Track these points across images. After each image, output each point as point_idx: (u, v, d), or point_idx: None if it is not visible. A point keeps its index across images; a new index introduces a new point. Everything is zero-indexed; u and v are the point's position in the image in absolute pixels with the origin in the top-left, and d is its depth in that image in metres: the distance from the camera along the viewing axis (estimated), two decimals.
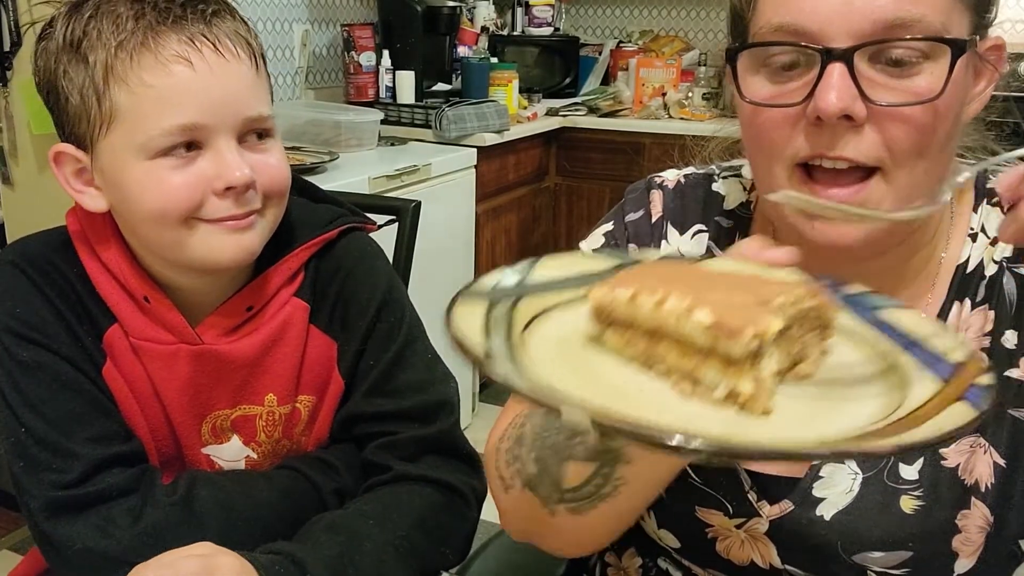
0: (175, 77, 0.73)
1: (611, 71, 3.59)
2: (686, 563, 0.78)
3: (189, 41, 0.73)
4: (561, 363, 0.47)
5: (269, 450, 0.90)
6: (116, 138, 0.75)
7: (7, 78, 2.02)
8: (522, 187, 3.01)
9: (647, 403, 0.44)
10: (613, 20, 3.77)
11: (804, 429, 0.42)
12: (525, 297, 0.52)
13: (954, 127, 0.61)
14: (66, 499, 0.76)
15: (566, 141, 3.13)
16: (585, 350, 0.49)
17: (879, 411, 0.43)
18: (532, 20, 3.55)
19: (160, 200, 0.75)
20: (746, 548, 0.71)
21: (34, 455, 0.77)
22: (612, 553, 0.87)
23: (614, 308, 0.47)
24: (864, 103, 0.58)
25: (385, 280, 0.91)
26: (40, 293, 0.80)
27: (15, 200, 2.08)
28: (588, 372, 0.47)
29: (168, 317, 0.82)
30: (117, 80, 0.73)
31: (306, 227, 0.88)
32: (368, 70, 2.78)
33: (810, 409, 0.44)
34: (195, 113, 0.73)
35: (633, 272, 0.49)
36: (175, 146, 0.74)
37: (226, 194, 0.75)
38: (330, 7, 2.90)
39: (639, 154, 2.98)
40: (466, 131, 2.62)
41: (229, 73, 0.75)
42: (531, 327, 0.50)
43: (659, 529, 0.76)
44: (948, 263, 0.68)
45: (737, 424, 0.42)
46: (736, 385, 0.43)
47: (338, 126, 2.43)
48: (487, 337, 0.46)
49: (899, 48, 0.57)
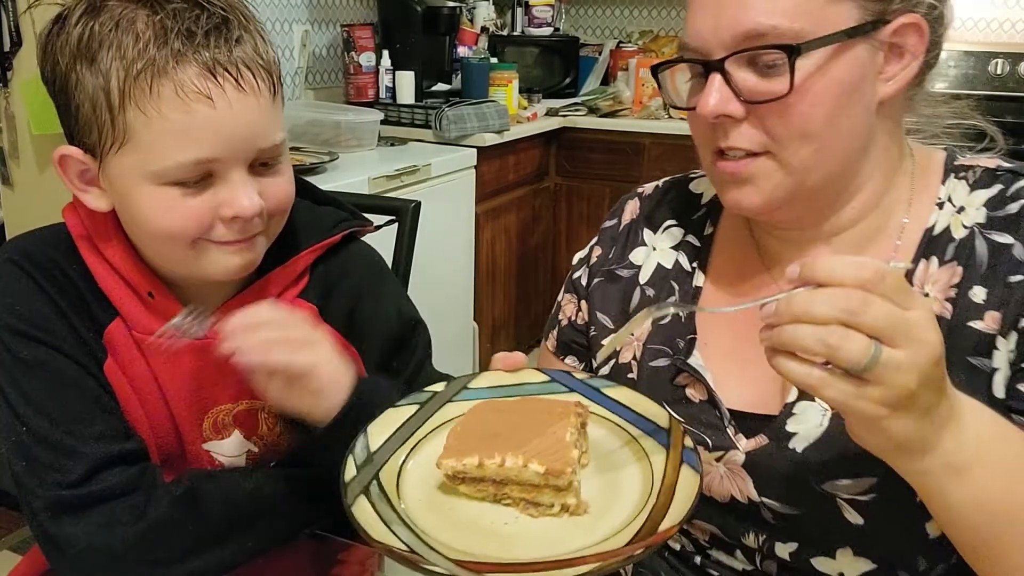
0: (195, 115, 0.71)
1: (611, 71, 3.59)
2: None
3: (211, 74, 0.72)
4: (442, 518, 0.63)
5: (271, 443, 0.90)
6: (127, 159, 0.74)
7: (7, 78, 2.02)
8: (522, 187, 3.01)
9: (521, 536, 0.62)
10: (613, 20, 3.77)
11: (613, 512, 0.61)
12: (380, 470, 0.67)
13: (845, 108, 0.70)
14: (69, 498, 0.75)
15: (566, 141, 3.13)
16: (447, 499, 0.66)
17: (643, 479, 0.64)
18: (532, 20, 3.55)
19: (169, 224, 0.75)
20: (725, 483, 0.77)
21: (36, 455, 0.76)
22: None
23: (467, 472, 0.64)
24: (740, 103, 0.70)
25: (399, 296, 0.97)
26: (40, 290, 0.80)
27: (15, 200, 2.08)
28: (463, 520, 0.63)
29: (172, 312, 0.82)
30: (134, 105, 0.71)
31: (310, 231, 0.88)
32: (368, 70, 2.78)
33: (605, 492, 0.64)
34: (211, 149, 0.73)
35: (457, 437, 0.66)
36: (186, 179, 0.74)
37: (233, 222, 0.76)
38: (330, 7, 2.90)
39: (639, 154, 2.98)
40: (466, 131, 2.62)
41: (248, 108, 0.74)
42: (399, 489, 0.66)
43: None
44: (914, 227, 0.75)
45: (575, 524, 0.62)
46: (565, 502, 0.63)
47: (338, 126, 2.43)
48: (390, 528, 0.60)
49: (760, 54, 0.68)
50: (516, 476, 0.63)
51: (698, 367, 0.79)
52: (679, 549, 0.84)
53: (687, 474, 0.61)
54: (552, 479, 0.61)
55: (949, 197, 0.76)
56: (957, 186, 0.76)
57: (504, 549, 0.59)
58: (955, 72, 3.02)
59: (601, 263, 0.91)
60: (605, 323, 0.89)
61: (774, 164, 0.71)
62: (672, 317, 0.84)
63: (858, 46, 0.69)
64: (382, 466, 0.67)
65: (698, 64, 0.72)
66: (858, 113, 0.71)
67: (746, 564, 0.79)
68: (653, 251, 0.89)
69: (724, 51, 0.69)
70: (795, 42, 0.67)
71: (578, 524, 0.62)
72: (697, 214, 0.88)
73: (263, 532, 0.80)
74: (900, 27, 0.70)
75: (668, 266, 0.87)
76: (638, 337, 0.85)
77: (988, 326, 0.69)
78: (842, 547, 0.73)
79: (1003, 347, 0.68)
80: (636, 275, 0.88)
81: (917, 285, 0.73)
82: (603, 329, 0.89)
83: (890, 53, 0.71)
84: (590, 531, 0.60)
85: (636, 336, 0.85)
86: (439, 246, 2.43)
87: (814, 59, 0.68)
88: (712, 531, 0.80)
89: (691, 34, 0.72)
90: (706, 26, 0.70)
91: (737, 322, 0.79)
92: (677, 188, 0.91)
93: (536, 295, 3.17)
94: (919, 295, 0.63)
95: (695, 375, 0.79)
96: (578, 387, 0.74)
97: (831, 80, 0.68)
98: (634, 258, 0.89)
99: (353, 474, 0.65)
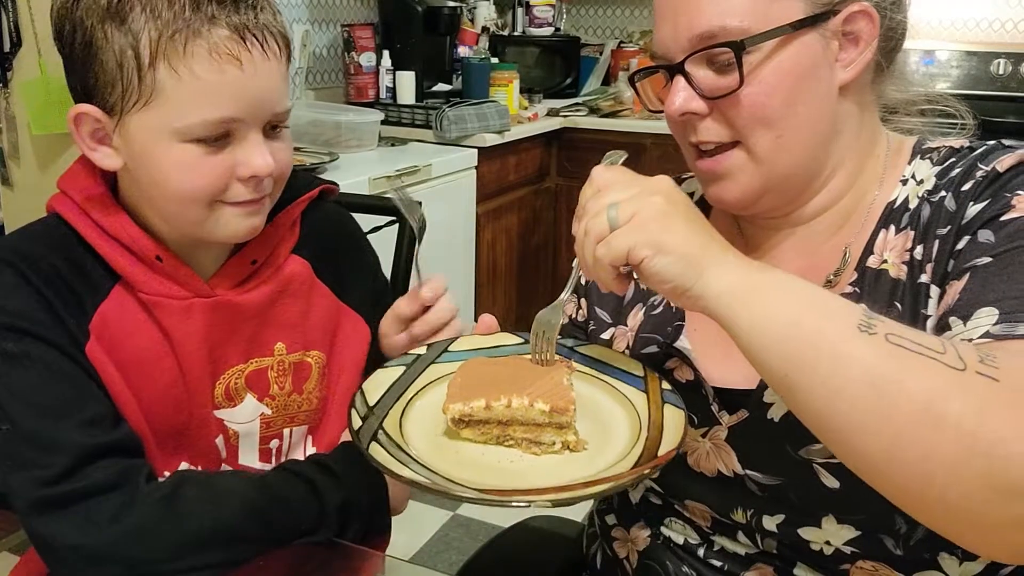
0: (226, 75, 0.75)
1: (612, 71, 3.59)
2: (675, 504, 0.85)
3: (240, 38, 0.76)
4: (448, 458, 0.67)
5: (282, 404, 0.92)
6: (151, 117, 0.76)
7: (7, 79, 2.02)
8: (523, 188, 3.01)
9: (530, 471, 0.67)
10: (614, 20, 3.77)
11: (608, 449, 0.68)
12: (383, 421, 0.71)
13: (801, 95, 0.74)
14: (50, 496, 0.75)
15: (567, 141, 3.13)
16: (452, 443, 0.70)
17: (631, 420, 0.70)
18: (533, 20, 3.54)
19: (190, 183, 0.78)
20: (711, 458, 0.81)
21: (19, 453, 0.76)
22: (620, 527, 0.92)
23: (473, 415, 0.69)
24: (703, 100, 0.75)
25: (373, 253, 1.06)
26: (25, 282, 0.80)
27: (15, 200, 2.08)
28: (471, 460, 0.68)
29: (181, 273, 0.85)
30: (166, 63, 0.74)
31: (290, 188, 0.91)
32: (368, 70, 2.78)
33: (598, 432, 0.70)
34: (236, 109, 0.77)
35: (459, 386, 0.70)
36: (208, 137, 0.77)
37: (249, 181, 0.80)
38: (330, 7, 2.89)
39: (640, 155, 2.98)
40: (466, 131, 2.62)
41: (270, 72, 0.79)
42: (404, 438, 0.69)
43: None
44: (879, 202, 0.80)
45: (575, 460, 0.68)
46: (566, 439, 0.68)
47: (338, 126, 2.43)
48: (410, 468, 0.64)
49: (714, 53, 0.73)
50: (522, 416, 0.68)
51: (684, 349, 0.83)
52: (683, 541, 0.85)
53: (671, 411, 0.68)
54: (556, 416, 0.67)
55: (913, 174, 0.80)
56: (922, 164, 0.80)
57: (518, 481, 0.64)
58: (957, 72, 3.02)
59: None
60: (603, 318, 0.92)
61: (745, 156, 0.76)
62: (662, 307, 0.87)
63: (806, 36, 0.73)
64: (384, 417, 0.71)
65: (664, 69, 0.78)
66: (816, 99, 0.75)
67: (749, 546, 0.81)
68: None
69: (683, 54, 0.75)
70: (740, 38, 0.72)
71: (580, 459, 0.68)
72: None
73: (249, 544, 0.79)
74: (850, 15, 0.74)
75: None
76: (632, 327, 0.89)
77: (927, 279, 0.73)
78: (825, 515, 0.75)
79: (935, 295, 0.72)
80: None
81: (877, 253, 0.77)
82: (601, 324, 0.92)
83: (844, 40, 0.75)
84: (592, 463, 0.66)
85: (630, 327, 0.89)
86: (440, 246, 2.43)
87: (762, 52, 0.73)
88: (708, 512, 0.82)
89: (656, 43, 0.78)
90: (666, 33, 0.76)
91: None
92: None
93: (537, 295, 3.17)
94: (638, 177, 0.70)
95: (681, 357, 0.83)
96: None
97: (781, 70, 0.73)
98: None
99: (359, 424, 0.69)
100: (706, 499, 0.82)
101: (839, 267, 0.79)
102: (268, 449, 0.94)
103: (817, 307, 0.60)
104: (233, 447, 0.91)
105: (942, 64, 3.03)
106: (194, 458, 0.90)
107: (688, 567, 0.85)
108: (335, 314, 0.96)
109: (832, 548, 0.76)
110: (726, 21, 0.72)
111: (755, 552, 0.81)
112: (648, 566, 0.87)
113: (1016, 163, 0.72)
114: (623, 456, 0.65)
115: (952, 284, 0.69)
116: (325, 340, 0.95)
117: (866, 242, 0.78)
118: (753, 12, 0.72)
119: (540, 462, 0.68)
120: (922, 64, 3.03)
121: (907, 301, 0.73)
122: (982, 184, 0.72)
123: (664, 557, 0.86)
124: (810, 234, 0.82)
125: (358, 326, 0.98)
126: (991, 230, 0.69)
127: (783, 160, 0.76)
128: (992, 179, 0.72)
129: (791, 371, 0.59)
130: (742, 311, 0.61)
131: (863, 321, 0.58)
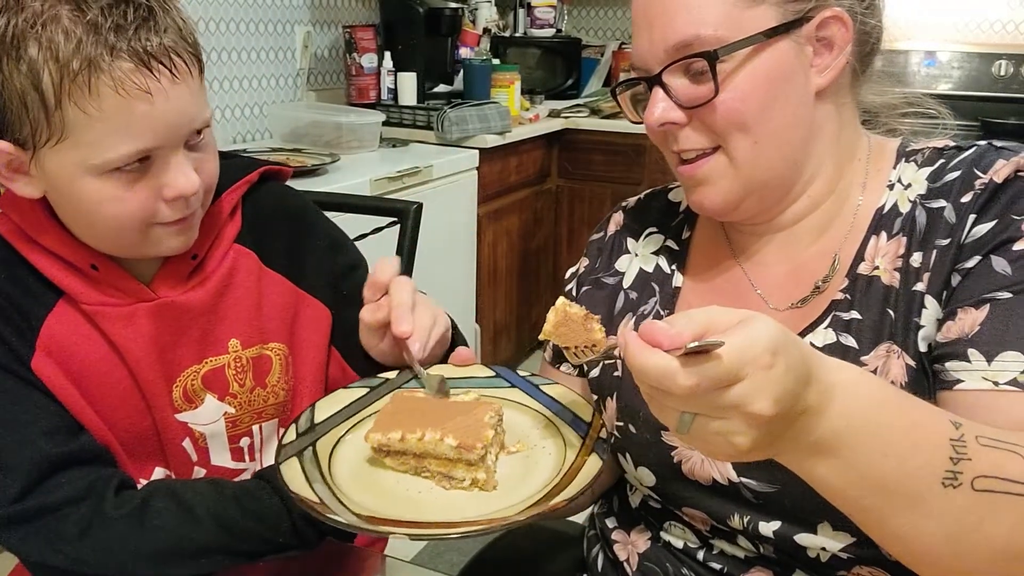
0: (136, 109, 0.73)
1: (613, 73, 3.59)
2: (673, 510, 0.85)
3: (147, 68, 0.73)
4: (363, 485, 0.70)
5: (245, 401, 0.91)
6: (67, 155, 0.75)
7: None
8: (524, 189, 3.01)
9: (428, 503, 0.69)
10: (615, 21, 3.77)
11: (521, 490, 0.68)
12: (319, 440, 0.74)
13: (776, 100, 0.75)
14: (18, 513, 0.75)
15: (568, 143, 3.13)
16: (373, 471, 0.73)
17: (555, 466, 0.71)
18: (534, 21, 3.54)
19: (116, 213, 0.77)
20: (706, 466, 0.80)
21: None
22: (620, 531, 0.92)
23: (391, 445, 0.71)
24: (681, 110, 0.76)
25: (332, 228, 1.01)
26: None
27: None
28: (384, 489, 0.70)
29: (118, 280, 0.84)
30: (72, 103, 0.72)
31: (227, 174, 0.89)
32: (370, 72, 2.78)
33: (519, 474, 0.71)
34: (152, 139, 0.75)
35: (387, 415, 0.73)
36: (127, 167, 0.76)
37: (175, 202, 0.79)
38: (332, 9, 2.90)
39: (641, 156, 2.98)
40: (468, 133, 2.62)
41: (182, 95, 0.76)
42: (332, 459, 0.73)
43: (636, 469, 0.86)
44: (867, 208, 0.80)
45: (482, 498, 0.69)
46: (475, 476, 0.70)
47: (339, 128, 2.43)
48: (311, 485, 0.67)
49: (689, 63, 0.74)
50: (433, 449, 0.70)
51: None
52: (683, 545, 0.86)
53: (592, 460, 0.69)
54: (464, 453, 0.69)
55: (899, 178, 0.80)
56: (907, 168, 0.80)
57: (409, 512, 0.66)
58: (958, 73, 3.02)
59: (588, 273, 0.97)
60: None
61: (725, 161, 0.77)
62: (653, 315, 0.88)
63: (780, 43, 0.74)
64: (321, 437, 0.75)
65: (643, 81, 0.79)
66: (792, 104, 0.76)
67: (749, 550, 0.81)
68: (635, 257, 0.94)
69: (659, 65, 0.76)
70: (714, 48, 0.72)
71: (483, 497, 0.69)
72: (675, 220, 0.94)
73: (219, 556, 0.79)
74: (823, 21, 0.75)
75: (649, 270, 0.92)
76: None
77: (923, 288, 0.73)
78: (820, 521, 0.75)
79: (931, 306, 0.72)
80: (620, 281, 0.93)
81: (868, 259, 0.77)
82: None
83: (819, 45, 0.76)
84: (490, 503, 0.68)
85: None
86: (441, 248, 2.43)
87: (736, 60, 0.74)
88: (706, 519, 0.82)
89: (634, 55, 0.79)
90: (643, 45, 0.77)
91: None
92: (657, 198, 0.97)
93: (538, 297, 3.17)
94: (750, 362, 0.53)
95: None
96: (518, 383, 0.83)
97: (755, 77, 0.74)
98: (619, 266, 0.94)
99: (292, 439, 0.73)
100: (701, 505, 0.82)
101: (828, 274, 0.79)
102: (239, 448, 0.93)
103: (902, 456, 0.57)
104: (203, 448, 0.90)
105: (943, 65, 3.03)
106: (167, 463, 0.89)
107: (688, 570, 0.84)
108: (292, 301, 0.94)
109: (828, 554, 0.76)
110: (700, 31, 0.73)
111: (754, 556, 0.81)
112: (648, 568, 0.87)
113: (1013, 173, 0.72)
114: (525, 499, 0.66)
115: (966, 310, 0.69)
116: (283, 330, 0.93)
117: (856, 248, 0.78)
118: (727, 21, 0.73)
119: (445, 496, 0.70)
120: (923, 65, 3.03)
121: (900, 308, 0.74)
122: (982, 196, 0.72)
123: (664, 560, 0.86)
124: (793, 239, 0.83)
125: (317, 311, 0.96)
126: (1006, 259, 0.69)
127: (762, 164, 0.77)
128: (992, 192, 0.72)
129: (865, 519, 0.60)
130: (827, 473, 0.58)
131: (948, 473, 0.57)
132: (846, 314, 0.76)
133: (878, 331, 0.74)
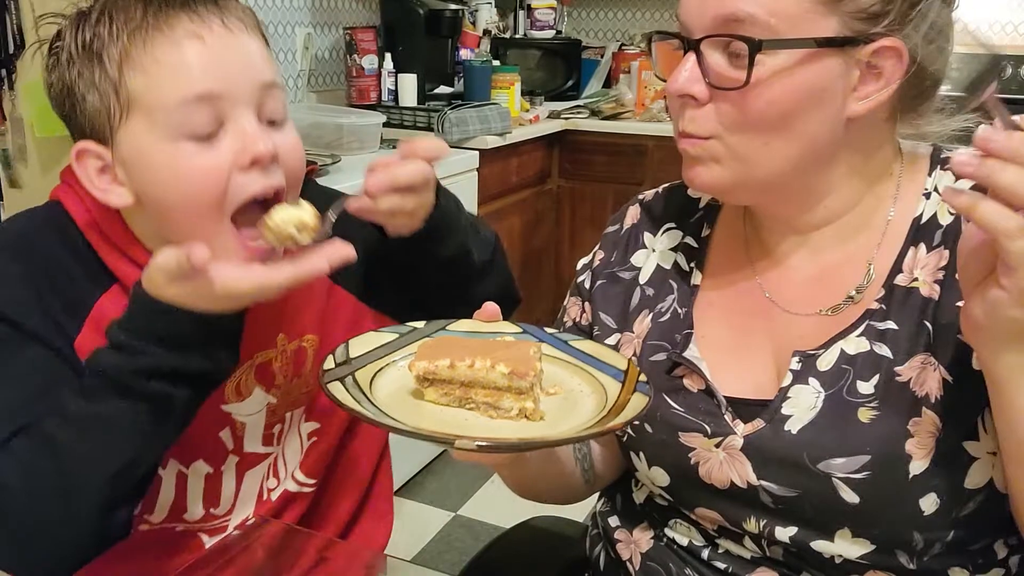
0: (187, 51, 0.75)
1: (613, 74, 3.60)
2: (683, 510, 0.85)
3: (199, 19, 0.76)
4: (407, 410, 0.69)
5: (285, 392, 0.93)
6: (135, 123, 0.76)
7: (12, 81, 2.02)
8: (524, 190, 3.01)
9: (478, 428, 0.69)
10: (615, 22, 3.78)
11: (566, 423, 0.68)
12: (357, 370, 0.73)
13: (803, 114, 0.71)
14: None
15: (568, 144, 3.13)
16: (415, 401, 0.72)
17: (598, 403, 0.70)
18: (534, 23, 3.55)
19: (187, 183, 0.75)
20: (724, 468, 0.79)
21: None
22: (623, 529, 0.92)
23: (437, 373, 0.70)
24: (706, 85, 0.72)
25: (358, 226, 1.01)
26: (19, 269, 0.80)
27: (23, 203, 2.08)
28: (426, 416, 0.69)
29: None
30: (132, 67, 0.75)
31: None
32: (370, 73, 2.79)
33: (563, 410, 0.70)
34: (210, 81, 0.75)
35: (429, 348, 0.72)
36: (196, 126, 0.74)
37: (253, 167, 0.77)
38: (332, 10, 2.90)
39: (642, 157, 2.98)
40: (468, 134, 2.62)
41: (240, 44, 0.78)
42: (372, 389, 0.72)
43: (650, 469, 0.84)
44: (901, 218, 0.78)
45: (529, 427, 0.68)
46: (523, 406, 0.69)
47: (340, 129, 2.44)
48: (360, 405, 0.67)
49: (731, 41, 0.69)
50: (484, 377, 0.69)
51: (693, 358, 0.81)
52: (687, 543, 0.85)
53: (637, 397, 0.68)
54: (516, 380, 0.68)
55: (936, 187, 0.78)
56: (943, 177, 0.78)
57: (459, 431, 0.66)
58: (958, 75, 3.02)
59: (604, 266, 0.94)
60: (608, 323, 0.91)
61: (722, 148, 0.74)
62: (670, 313, 0.86)
63: (830, 58, 0.70)
64: (359, 368, 0.74)
65: (682, 39, 0.74)
66: (818, 122, 0.72)
67: (755, 551, 0.81)
68: (653, 252, 0.91)
69: (703, 32, 0.71)
70: (761, 36, 0.68)
71: (531, 427, 0.69)
72: (695, 217, 0.91)
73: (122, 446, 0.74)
74: (880, 48, 0.70)
75: (667, 267, 0.90)
76: (638, 334, 0.88)
77: None
78: (840, 528, 0.74)
79: None
80: (636, 276, 0.91)
81: (907, 271, 0.76)
82: (605, 328, 0.91)
83: (868, 72, 0.71)
84: (540, 431, 0.68)
85: (636, 333, 0.88)
86: None
87: (780, 59, 0.69)
88: (718, 520, 0.82)
89: (681, 9, 0.74)
90: (694, 4, 0.72)
91: (733, 315, 0.83)
92: (676, 193, 0.94)
93: (539, 297, 3.17)
94: None
95: (691, 366, 0.81)
96: (547, 339, 0.81)
97: (793, 84, 0.70)
98: (635, 260, 0.92)
99: (332, 366, 0.72)
100: (716, 507, 0.81)
101: (862, 283, 0.77)
102: (271, 434, 0.94)
103: None
104: (239, 438, 0.92)
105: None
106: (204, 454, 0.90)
107: (691, 569, 0.84)
108: (324, 293, 0.96)
109: (842, 559, 0.75)
110: (757, 10, 0.68)
111: (760, 556, 0.81)
112: (651, 568, 0.87)
113: None
114: (576, 428, 0.67)
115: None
116: (316, 323, 0.95)
117: (894, 259, 0.76)
118: (787, 14, 0.68)
119: (492, 424, 0.69)
120: None
121: (940, 321, 0.72)
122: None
123: (667, 559, 0.86)
124: (815, 244, 0.80)
125: (347, 302, 0.97)
126: None
127: (763, 165, 0.74)
128: None
129: None
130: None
131: None
132: (881, 324, 0.74)
133: (914, 342, 0.73)
